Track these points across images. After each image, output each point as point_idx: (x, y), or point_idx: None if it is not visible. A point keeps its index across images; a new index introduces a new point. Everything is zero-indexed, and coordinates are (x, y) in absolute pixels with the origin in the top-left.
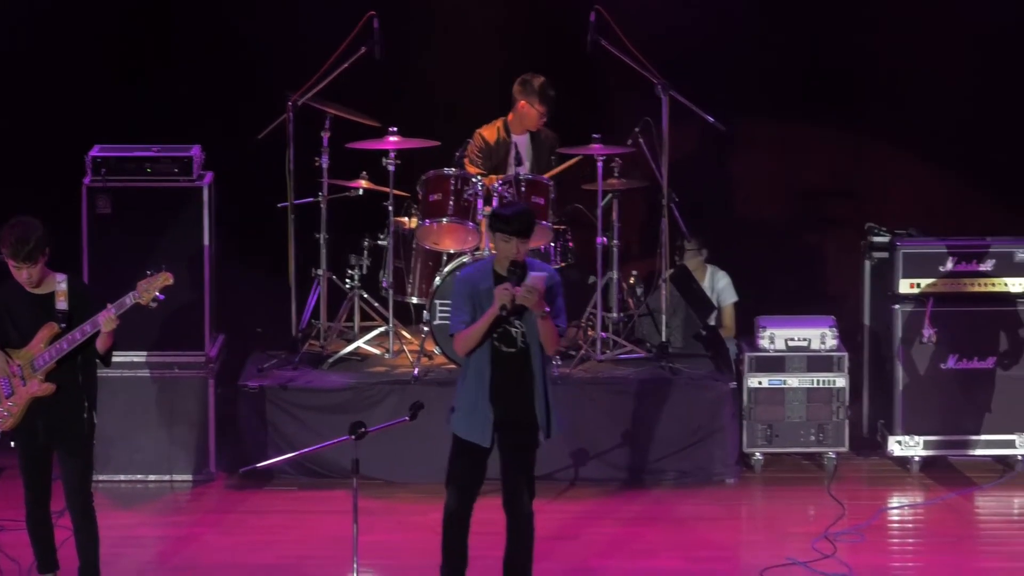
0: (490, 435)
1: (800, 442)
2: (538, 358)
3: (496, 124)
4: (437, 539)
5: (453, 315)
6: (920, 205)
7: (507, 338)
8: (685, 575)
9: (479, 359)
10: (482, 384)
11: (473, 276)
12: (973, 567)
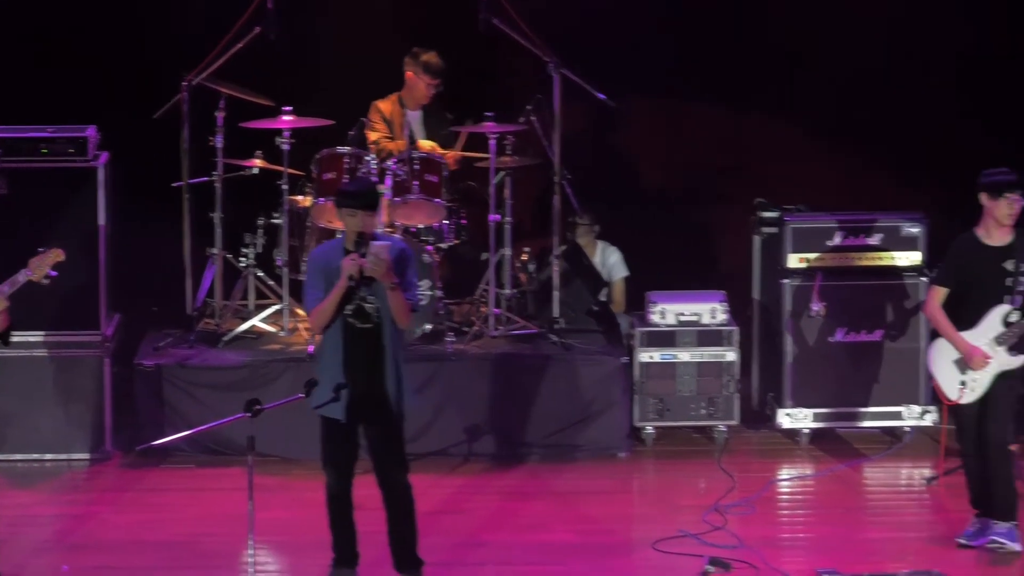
0: (345, 411)
1: (691, 416)
2: (391, 334)
3: (392, 98)
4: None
5: (307, 292)
6: (808, 180)
7: (361, 314)
8: (577, 549)
9: (334, 335)
10: (337, 360)
11: (326, 253)
12: (862, 538)
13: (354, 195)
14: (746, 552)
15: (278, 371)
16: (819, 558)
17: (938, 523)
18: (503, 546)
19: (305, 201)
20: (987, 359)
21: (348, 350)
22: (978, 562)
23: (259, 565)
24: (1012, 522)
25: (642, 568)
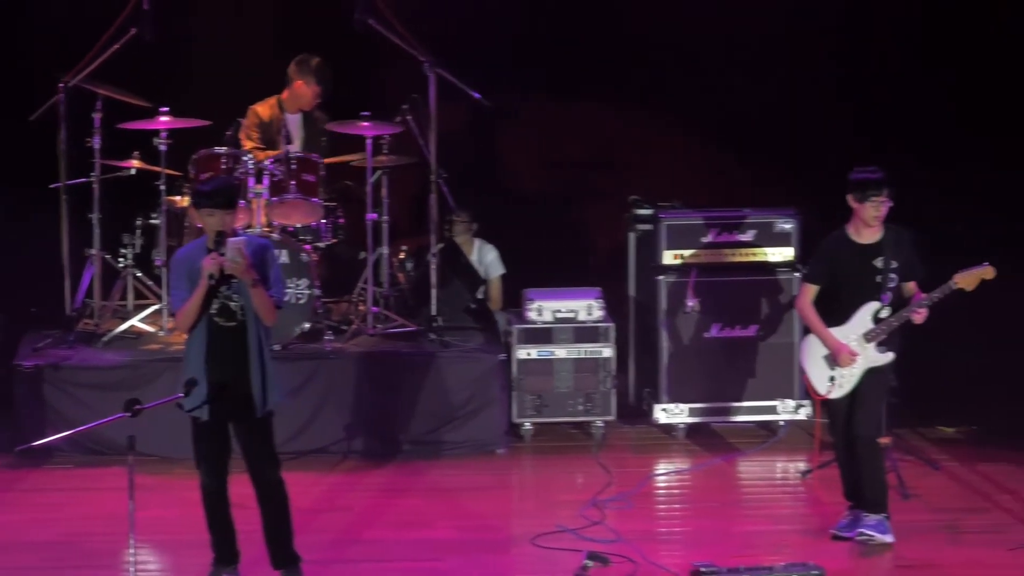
0: (207, 408)
1: (568, 412)
2: (255, 332)
3: (270, 101)
4: None
5: (172, 293)
6: (682, 178)
7: (226, 312)
8: (456, 545)
9: (199, 334)
10: (201, 359)
11: (189, 254)
12: (738, 531)
13: (210, 194)
14: (624, 546)
15: (157, 371)
16: (696, 552)
17: (813, 516)
18: (382, 543)
19: (183, 201)
20: (854, 356)
21: (213, 348)
22: (851, 554)
23: (140, 564)
24: (882, 514)
25: (521, 563)
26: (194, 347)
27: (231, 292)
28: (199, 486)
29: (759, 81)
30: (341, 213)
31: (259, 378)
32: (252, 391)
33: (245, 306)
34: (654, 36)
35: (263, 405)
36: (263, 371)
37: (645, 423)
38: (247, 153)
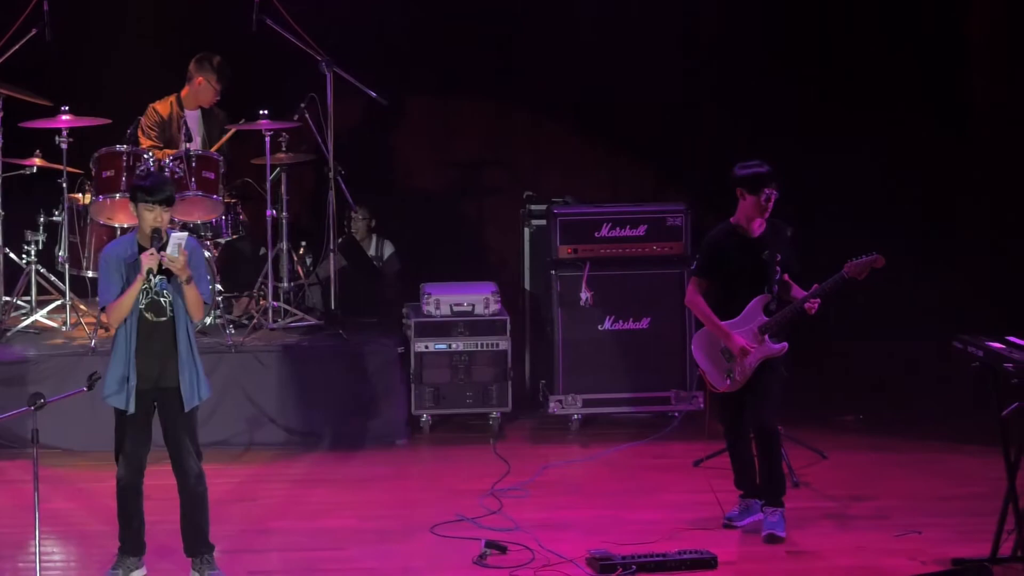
0: (134, 401)
1: (466, 403)
2: (184, 325)
3: (169, 99)
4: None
5: (102, 288)
6: (573, 174)
7: (156, 307)
8: (359, 534)
9: (127, 329)
10: (129, 353)
11: (118, 249)
12: (633, 519)
13: (150, 189)
14: (521, 535)
15: (61, 365)
16: (592, 539)
17: (705, 504)
18: (286, 532)
19: (85, 199)
20: (749, 348)
21: (141, 342)
22: (742, 542)
23: (45, 555)
24: (779, 507)
25: (421, 551)
26: (121, 342)
27: (161, 288)
28: (115, 477)
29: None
30: (241, 209)
31: (189, 373)
32: (181, 386)
33: (174, 302)
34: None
35: (192, 400)
36: (194, 364)
37: (541, 414)
38: (148, 151)
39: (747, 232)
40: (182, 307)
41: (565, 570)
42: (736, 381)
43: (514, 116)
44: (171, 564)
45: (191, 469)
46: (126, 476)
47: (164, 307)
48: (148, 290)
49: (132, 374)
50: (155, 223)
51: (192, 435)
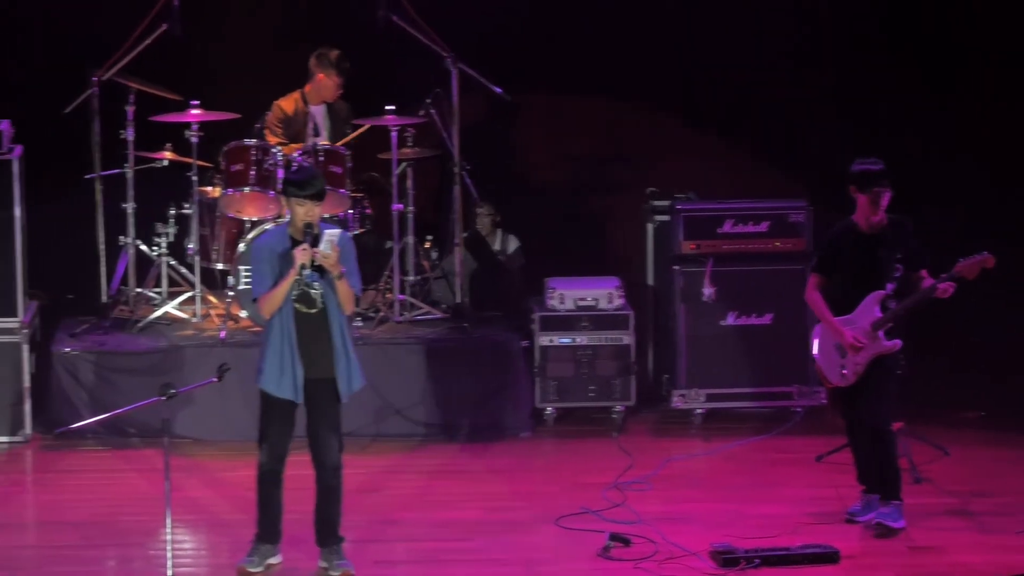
0: (300, 392)
1: (589, 397)
2: (336, 318)
3: (294, 96)
4: (245, 494)
5: (254, 280)
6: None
7: (307, 299)
8: (484, 525)
9: (284, 320)
10: (288, 344)
11: (270, 241)
12: (755, 513)
13: (302, 184)
14: (645, 528)
15: (191, 356)
16: (714, 533)
17: (827, 499)
18: (412, 523)
19: (214, 192)
20: (861, 344)
21: (296, 334)
22: (864, 536)
23: (176, 543)
24: (896, 501)
25: (546, 543)
26: (276, 332)
27: (311, 280)
28: (256, 464)
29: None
30: (367, 204)
31: (344, 363)
32: (337, 376)
33: (325, 293)
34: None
35: (347, 390)
36: (347, 355)
37: (663, 408)
38: (276, 146)
39: (865, 229)
40: (333, 298)
41: (688, 563)
42: (847, 377)
43: (637, 112)
44: (300, 553)
45: (331, 461)
46: (268, 463)
47: (315, 299)
48: (298, 281)
49: (297, 364)
50: (306, 217)
51: (336, 427)
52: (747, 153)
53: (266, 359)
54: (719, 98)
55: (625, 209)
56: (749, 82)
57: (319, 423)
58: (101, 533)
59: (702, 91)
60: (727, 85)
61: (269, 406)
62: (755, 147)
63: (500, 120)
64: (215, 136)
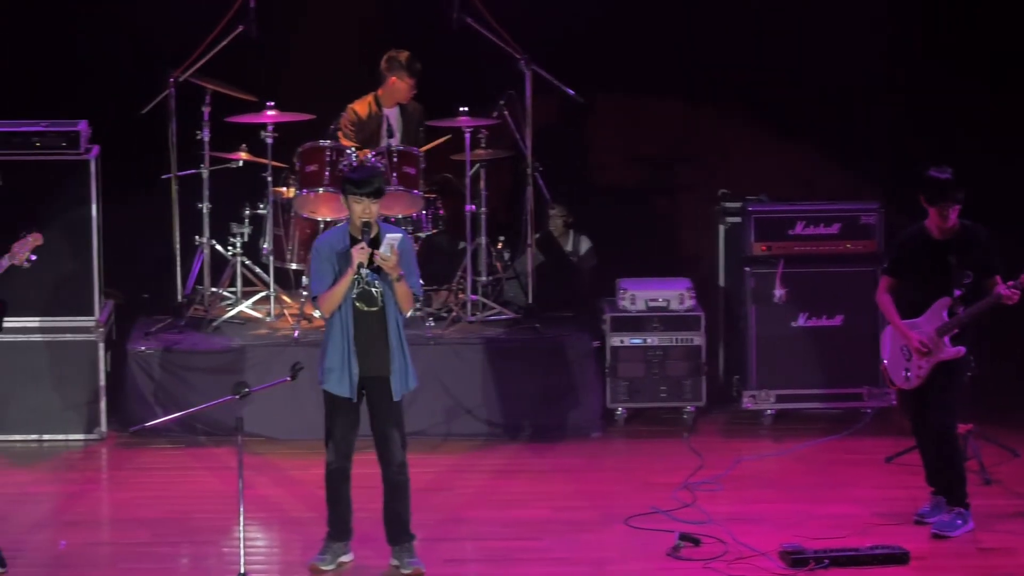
0: (356, 390)
1: (660, 397)
2: (394, 317)
3: (367, 99)
4: (317, 492)
5: (314, 278)
6: (768, 172)
7: (367, 297)
8: (554, 524)
9: (343, 318)
10: (347, 341)
11: (330, 240)
12: (824, 513)
13: (361, 183)
14: (715, 528)
15: (264, 355)
16: (784, 533)
17: (896, 500)
18: (482, 522)
19: (288, 192)
20: (926, 348)
21: (355, 332)
22: (933, 538)
23: (249, 540)
24: (959, 508)
25: (615, 543)
26: (337, 330)
27: (372, 278)
28: (324, 462)
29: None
30: (441, 204)
31: (399, 362)
32: (391, 375)
33: (384, 292)
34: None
35: (401, 389)
36: (403, 353)
37: (734, 409)
38: (350, 148)
39: (937, 235)
40: (392, 297)
41: (758, 563)
42: (911, 380)
43: (707, 113)
44: (371, 551)
45: (395, 458)
46: (335, 461)
47: (375, 297)
48: (359, 280)
49: (353, 362)
50: (364, 215)
51: (399, 424)
52: (819, 155)
53: (327, 357)
54: (792, 100)
55: (697, 210)
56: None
57: (380, 421)
58: (174, 530)
59: (775, 92)
60: (800, 87)
61: (332, 404)
62: (827, 149)
63: (573, 121)
64: (290, 137)
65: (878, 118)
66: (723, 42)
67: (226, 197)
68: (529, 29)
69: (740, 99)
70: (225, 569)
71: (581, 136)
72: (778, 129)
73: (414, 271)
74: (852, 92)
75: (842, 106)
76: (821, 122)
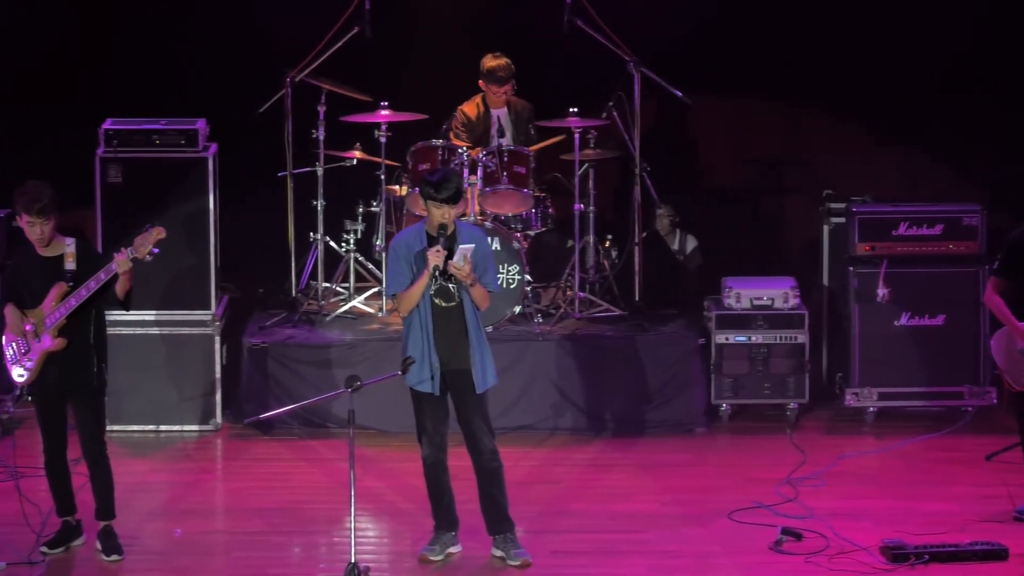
0: (438, 383)
1: (764, 394)
2: (472, 311)
3: (475, 100)
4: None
5: (391, 278)
6: (872, 173)
7: (444, 293)
8: (659, 518)
9: (422, 314)
10: (426, 336)
11: (407, 239)
12: (925, 510)
13: (437, 186)
14: (816, 523)
15: (376, 349)
16: (885, 529)
17: (996, 497)
18: (587, 515)
19: (401, 190)
20: None
21: (434, 327)
22: None
23: (359, 531)
24: None
25: (718, 536)
26: (416, 327)
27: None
28: (421, 456)
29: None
30: (550, 203)
31: (479, 356)
32: (472, 368)
33: (462, 288)
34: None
35: (483, 383)
36: (481, 347)
37: (836, 406)
38: (461, 147)
39: None
40: (468, 294)
41: (859, 558)
42: None
43: (811, 115)
44: (476, 543)
45: (485, 446)
46: (431, 454)
47: (452, 293)
48: (436, 278)
49: (434, 357)
50: (442, 219)
51: (484, 414)
52: (923, 157)
53: (407, 353)
54: (897, 103)
55: (801, 211)
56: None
57: (465, 413)
58: (287, 520)
59: (880, 95)
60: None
61: (418, 400)
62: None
63: (678, 123)
64: (403, 136)
65: (985, 120)
66: (832, 44)
67: (340, 194)
68: (638, 31)
69: (848, 101)
70: (336, 558)
71: (688, 137)
72: (886, 132)
73: (490, 269)
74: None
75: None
76: (927, 124)
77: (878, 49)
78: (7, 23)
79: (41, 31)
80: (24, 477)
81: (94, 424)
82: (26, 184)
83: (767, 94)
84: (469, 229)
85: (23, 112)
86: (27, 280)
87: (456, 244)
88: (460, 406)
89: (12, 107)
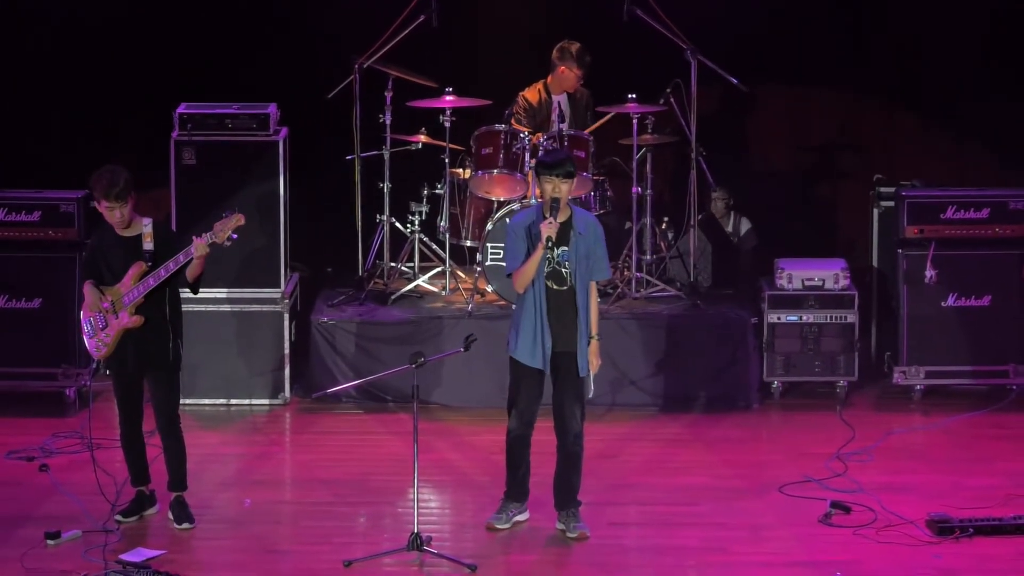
0: (548, 362)
1: (815, 372)
2: (583, 297)
3: (537, 86)
4: (489, 457)
5: (508, 255)
6: (923, 159)
7: (557, 276)
8: (713, 491)
9: (536, 295)
10: (540, 316)
11: (523, 219)
12: (969, 484)
13: (550, 165)
14: (865, 496)
15: (440, 327)
16: (931, 503)
17: None
18: (649, 487)
19: (464, 173)
20: None
21: (547, 308)
22: None
23: (423, 502)
24: None
25: (769, 509)
26: (530, 306)
27: (563, 259)
28: (507, 428)
29: (994, 68)
30: (608, 186)
31: (584, 341)
32: (577, 352)
33: (573, 272)
34: (899, 26)
35: (586, 366)
36: (587, 334)
37: (885, 384)
38: (524, 132)
39: None
40: (580, 277)
41: (906, 531)
42: None
43: (865, 103)
44: (540, 515)
45: (572, 429)
46: (517, 428)
47: (565, 277)
48: (550, 260)
49: (547, 336)
50: (554, 193)
51: (580, 398)
52: (972, 143)
53: (520, 331)
54: (948, 89)
55: (852, 195)
56: (974, 74)
57: (564, 393)
58: (353, 491)
59: (931, 83)
60: (953, 77)
61: (520, 375)
62: (981, 137)
63: (734, 109)
64: (467, 121)
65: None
66: (887, 33)
67: (406, 177)
68: (696, 20)
69: (900, 88)
70: (400, 528)
71: (745, 123)
72: (936, 118)
73: (604, 255)
74: (1008, 85)
75: (997, 98)
76: (978, 112)
77: (933, 39)
78: (84, 14)
79: (118, 17)
80: (100, 448)
81: (169, 398)
82: (101, 170)
83: (820, 81)
84: (584, 216)
85: (101, 95)
86: (106, 258)
87: (572, 229)
88: (560, 387)
89: (89, 89)
